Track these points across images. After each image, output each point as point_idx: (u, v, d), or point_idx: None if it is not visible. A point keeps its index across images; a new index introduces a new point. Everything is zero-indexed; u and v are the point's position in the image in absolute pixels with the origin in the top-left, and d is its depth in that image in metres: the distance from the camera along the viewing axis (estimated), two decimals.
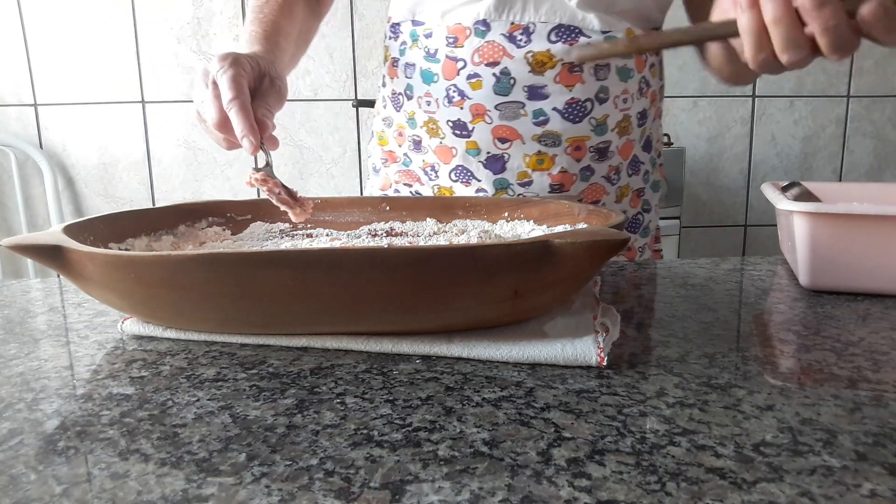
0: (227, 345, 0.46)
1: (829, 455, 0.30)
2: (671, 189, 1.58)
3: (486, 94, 0.70)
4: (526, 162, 0.73)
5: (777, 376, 0.40)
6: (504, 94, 0.70)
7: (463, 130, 0.73)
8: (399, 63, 0.77)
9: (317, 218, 0.69)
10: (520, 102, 0.70)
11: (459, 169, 0.75)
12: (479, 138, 0.73)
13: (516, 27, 0.68)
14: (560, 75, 0.69)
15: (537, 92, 0.70)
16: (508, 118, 0.71)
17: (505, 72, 0.69)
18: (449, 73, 0.71)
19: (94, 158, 1.85)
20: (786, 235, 0.65)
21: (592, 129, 0.73)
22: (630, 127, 0.76)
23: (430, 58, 0.73)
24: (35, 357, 0.45)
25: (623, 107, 0.74)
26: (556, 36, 0.69)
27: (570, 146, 0.72)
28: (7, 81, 1.79)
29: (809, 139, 2.04)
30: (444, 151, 0.76)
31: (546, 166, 0.73)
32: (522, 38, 0.69)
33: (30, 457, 0.31)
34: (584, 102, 0.71)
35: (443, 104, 0.73)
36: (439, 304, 0.42)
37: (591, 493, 0.27)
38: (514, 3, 0.68)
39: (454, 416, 0.35)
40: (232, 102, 0.55)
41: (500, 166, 0.73)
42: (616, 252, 0.41)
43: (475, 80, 0.70)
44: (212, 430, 0.33)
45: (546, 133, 0.71)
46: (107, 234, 0.55)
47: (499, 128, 0.72)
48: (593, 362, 0.41)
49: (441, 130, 0.74)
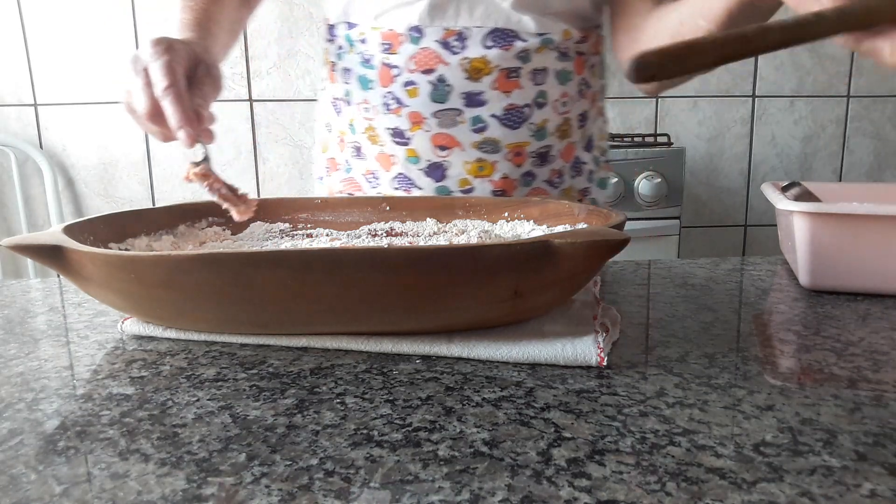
0: (227, 345, 0.46)
1: (829, 455, 0.30)
2: (671, 189, 1.58)
3: (423, 102, 0.69)
4: (467, 169, 0.72)
5: (777, 376, 0.40)
6: (441, 101, 0.69)
7: (402, 138, 0.72)
8: (337, 67, 0.75)
9: (317, 218, 0.69)
10: (457, 110, 0.69)
11: (400, 177, 0.74)
12: (419, 146, 0.71)
13: (450, 33, 0.67)
14: (497, 81, 0.68)
15: (475, 99, 0.69)
16: (447, 126, 0.70)
17: (441, 79, 0.68)
18: (385, 80, 0.70)
19: (94, 158, 1.85)
20: (786, 235, 0.65)
21: (532, 135, 0.72)
22: (570, 130, 0.75)
23: (365, 64, 0.71)
24: (35, 357, 0.45)
25: (562, 110, 0.73)
26: (492, 41, 0.67)
27: (510, 152, 0.71)
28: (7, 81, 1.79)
29: (809, 139, 2.04)
30: (384, 159, 0.74)
31: (487, 173, 0.72)
32: (457, 45, 0.67)
33: (30, 457, 0.31)
34: (523, 108, 0.70)
35: (381, 111, 0.72)
36: (439, 304, 0.42)
37: (591, 493, 0.27)
38: (447, 7, 0.66)
39: (454, 416, 0.35)
40: (166, 91, 0.52)
41: (441, 174, 0.72)
42: (616, 252, 0.41)
43: (411, 88, 0.69)
44: (212, 430, 0.33)
45: (485, 140, 0.70)
46: (107, 234, 0.55)
47: (438, 135, 0.70)
48: (593, 362, 0.41)
49: (380, 138, 0.73)
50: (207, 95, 0.57)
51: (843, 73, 2.00)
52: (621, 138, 1.73)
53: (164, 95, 0.52)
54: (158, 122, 0.54)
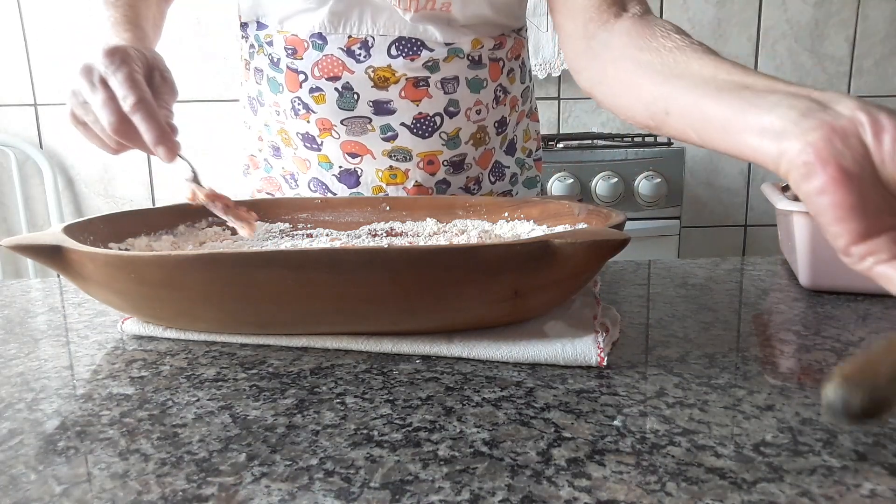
0: (227, 345, 0.46)
1: (829, 455, 0.30)
2: (671, 189, 1.58)
3: (330, 109, 0.67)
4: (379, 176, 0.71)
5: (777, 376, 0.40)
6: (349, 108, 0.67)
7: (313, 143, 0.71)
8: (250, 66, 0.74)
9: (317, 218, 0.69)
10: (366, 118, 0.67)
11: (315, 181, 0.73)
12: (329, 152, 0.70)
13: (354, 41, 0.65)
14: (405, 90, 0.67)
15: (383, 107, 0.67)
16: (356, 133, 0.68)
17: (347, 86, 0.66)
18: (292, 84, 0.68)
19: (94, 158, 1.85)
20: (786, 235, 0.65)
21: (444, 144, 0.70)
22: (487, 137, 0.73)
23: (273, 66, 0.70)
24: (35, 357, 0.45)
25: (476, 118, 0.71)
26: (397, 50, 0.65)
27: (422, 161, 0.70)
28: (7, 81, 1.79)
29: None
30: (300, 162, 0.74)
31: (400, 180, 0.71)
32: (361, 53, 0.65)
33: (30, 457, 0.31)
34: (433, 117, 0.68)
35: (290, 116, 0.70)
36: (439, 304, 0.42)
37: (591, 493, 0.27)
38: (351, 14, 0.64)
39: (454, 416, 0.35)
40: (137, 106, 0.49)
41: (354, 180, 0.72)
42: (616, 252, 0.41)
43: (318, 94, 0.67)
44: (212, 430, 0.33)
45: (396, 148, 0.69)
46: (107, 234, 0.55)
47: (347, 143, 0.69)
48: (593, 362, 0.41)
49: (293, 141, 0.72)
50: (169, 103, 0.54)
51: (843, 73, 2.00)
52: (621, 138, 1.73)
53: (134, 111, 0.49)
54: (126, 137, 0.51)
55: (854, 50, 1.99)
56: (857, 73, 2.00)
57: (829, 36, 1.98)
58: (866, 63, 2.00)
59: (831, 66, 1.99)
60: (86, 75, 0.51)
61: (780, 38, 1.97)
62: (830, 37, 1.98)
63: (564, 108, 1.98)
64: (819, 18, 1.96)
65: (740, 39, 1.97)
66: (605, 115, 1.98)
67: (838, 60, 1.99)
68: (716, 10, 1.94)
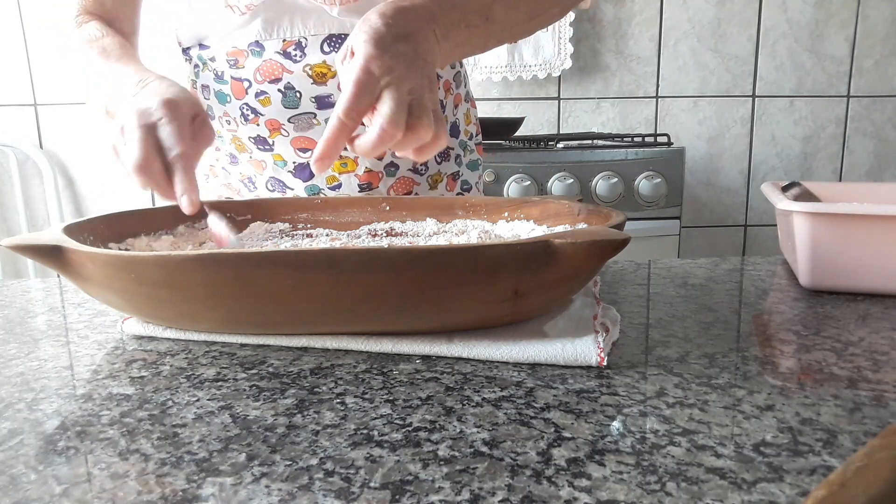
0: (227, 345, 0.46)
1: (829, 455, 0.30)
2: (671, 189, 1.58)
3: (276, 110, 0.72)
4: (331, 167, 0.74)
5: (777, 376, 0.40)
6: (293, 107, 0.72)
7: (265, 145, 0.75)
8: (197, 84, 0.78)
9: (317, 218, 0.69)
10: (311, 113, 0.72)
11: (272, 180, 0.78)
12: (282, 151, 0.75)
13: (289, 43, 0.69)
14: None
15: (324, 101, 0.72)
16: (303, 129, 0.73)
17: (289, 86, 0.71)
18: (238, 92, 0.73)
19: (94, 158, 1.85)
20: (786, 235, 0.65)
21: None
22: None
23: (219, 80, 0.74)
24: (35, 357, 0.45)
25: None
26: (329, 46, 0.70)
27: None
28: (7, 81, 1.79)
29: (809, 139, 2.04)
30: (255, 164, 0.78)
31: (350, 168, 0.76)
32: (297, 53, 0.70)
33: (30, 457, 0.31)
34: None
35: (240, 122, 0.75)
36: (439, 304, 0.42)
37: (591, 493, 0.27)
38: (282, 20, 0.69)
39: (454, 416, 0.35)
40: (179, 158, 0.53)
41: (309, 174, 0.76)
42: (616, 252, 0.41)
43: (263, 98, 0.72)
44: (212, 430, 0.33)
45: None
46: (107, 234, 0.55)
47: (297, 139, 0.74)
48: (593, 362, 0.41)
49: (246, 146, 0.77)
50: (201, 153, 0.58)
51: (843, 73, 2.00)
52: (621, 138, 1.73)
53: (176, 160, 0.53)
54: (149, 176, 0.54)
55: (854, 50, 1.99)
56: (857, 73, 2.00)
57: (829, 36, 1.98)
58: (866, 63, 2.00)
59: (831, 66, 1.99)
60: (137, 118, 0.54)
61: (780, 38, 1.97)
62: (830, 37, 1.98)
63: (564, 108, 1.98)
64: (819, 18, 1.96)
65: (740, 39, 1.97)
66: (605, 115, 1.98)
67: (838, 60, 1.99)
68: (716, 10, 1.94)
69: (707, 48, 1.96)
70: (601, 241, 0.40)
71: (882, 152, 2.07)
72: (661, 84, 1.98)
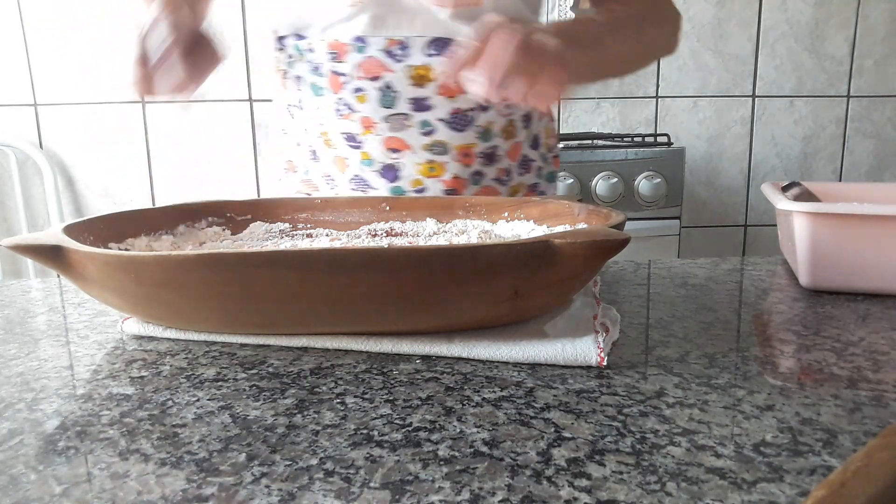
0: (227, 345, 0.46)
1: (829, 455, 0.30)
2: (671, 189, 1.58)
3: (372, 107, 0.72)
4: (418, 170, 0.74)
5: (777, 376, 0.40)
6: (390, 106, 0.71)
7: (354, 142, 0.74)
8: (289, 75, 0.78)
9: (317, 218, 0.69)
10: (406, 114, 0.72)
11: (356, 178, 0.77)
12: (371, 149, 0.74)
13: (392, 42, 0.69)
14: (441, 87, 0.71)
15: (421, 104, 0.71)
16: (397, 130, 0.72)
17: (388, 85, 0.70)
18: (335, 86, 0.72)
19: (94, 158, 1.85)
20: (786, 235, 0.65)
21: (478, 136, 0.75)
22: (515, 130, 0.78)
23: (315, 72, 0.74)
24: (35, 357, 0.45)
25: (506, 112, 0.76)
26: (433, 49, 0.70)
27: (458, 153, 0.74)
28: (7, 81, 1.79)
29: (809, 139, 2.04)
30: (339, 161, 0.77)
31: (438, 173, 0.75)
32: (400, 53, 0.70)
33: (30, 457, 0.31)
34: (468, 112, 0.73)
35: (333, 117, 0.74)
36: (439, 304, 0.42)
37: (591, 493, 0.27)
38: (388, 18, 0.69)
39: (454, 416, 0.35)
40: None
41: (394, 175, 0.75)
42: (616, 252, 0.41)
43: (360, 94, 0.71)
44: (212, 430, 0.33)
45: (434, 142, 0.73)
46: (107, 234, 0.55)
47: (389, 139, 0.73)
48: (593, 362, 0.41)
49: (334, 142, 0.76)
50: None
51: (843, 73, 2.00)
52: (621, 138, 1.73)
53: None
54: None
55: (854, 50, 1.99)
56: (857, 73, 2.00)
57: (829, 36, 1.98)
58: (866, 63, 2.00)
59: (831, 66, 1.99)
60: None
61: (780, 38, 1.97)
62: (830, 37, 1.98)
63: (564, 108, 1.98)
64: (819, 18, 1.96)
65: (740, 39, 1.97)
66: (605, 115, 1.98)
67: (838, 60, 1.99)
68: (716, 10, 1.94)
69: (707, 48, 1.96)
70: (601, 241, 0.40)
71: (882, 152, 2.07)
72: (662, 84, 1.98)
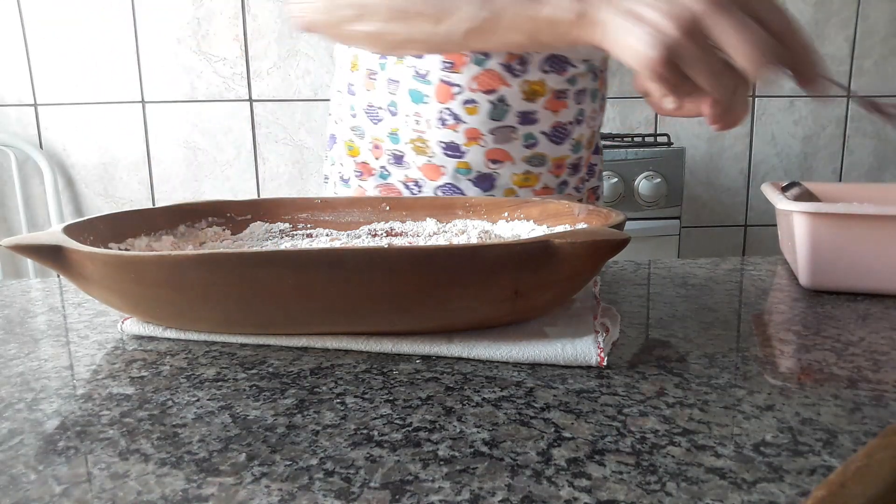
0: (227, 345, 0.46)
1: (829, 455, 0.30)
2: (671, 189, 1.58)
3: (481, 120, 0.72)
4: (514, 180, 0.76)
5: (777, 376, 0.40)
6: (499, 119, 0.72)
7: (456, 152, 0.74)
8: (378, 76, 0.76)
9: (317, 218, 0.69)
10: (512, 127, 0.73)
11: (447, 186, 0.77)
12: (472, 160, 0.74)
13: (513, 57, 0.70)
14: (548, 102, 0.73)
15: (528, 118, 0.73)
16: (502, 142, 0.73)
17: (501, 99, 0.71)
18: (442, 96, 0.72)
19: (94, 158, 1.85)
20: (786, 235, 0.65)
21: (571, 149, 0.77)
22: (594, 140, 0.82)
23: (420, 78, 0.73)
24: (35, 357, 0.45)
25: (592, 124, 0.80)
26: (549, 66, 0.72)
27: (553, 165, 0.77)
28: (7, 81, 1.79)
29: (809, 139, 2.04)
30: (431, 169, 0.76)
31: (531, 183, 0.77)
32: (519, 68, 0.71)
33: (30, 457, 0.31)
34: (567, 125, 0.75)
35: (434, 125, 0.73)
36: (439, 304, 0.42)
37: (591, 493, 0.27)
38: None
39: (454, 416, 0.35)
40: None
41: (490, 184, 0.76)
42: (616, 252, 0.41)
43: (472, 106, 0.72)
44: (212, 430, 0.33)
45: (534, 154, 0.75)
46: (107, 234, 0.55)
47: (492, 150, 0.74)
48: (593, 362, 0.41)
49: (430, 150, 0.75)
50: None
51: (843, 73, 2.00)
52: (621, 138, 1.73)
53: None
54: None
55: (854, 50, 1.99)
56: (857, 73, 2.00)
57: (829, 36, 1.98)
58: (866, 63, 2.00)
59: (831, 66, 1.99)
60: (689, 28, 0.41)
61: None
62: (830, 37, 1.98)
63: None
64: (819, 18, 1.96)
65: None
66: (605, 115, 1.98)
67: (838, 60, 1.99)
68: None
69: None
70: (601, 241, 0.40)
71: (882, 152, 2.07)
72: None
